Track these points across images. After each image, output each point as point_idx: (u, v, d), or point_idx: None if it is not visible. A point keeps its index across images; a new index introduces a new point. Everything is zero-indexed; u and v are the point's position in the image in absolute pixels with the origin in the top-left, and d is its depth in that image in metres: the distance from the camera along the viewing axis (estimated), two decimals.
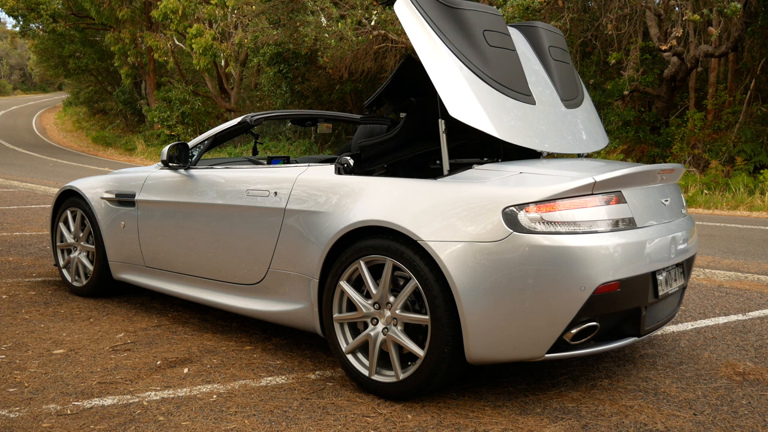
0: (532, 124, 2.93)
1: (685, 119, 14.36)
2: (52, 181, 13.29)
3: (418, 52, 2.75)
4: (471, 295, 2.45)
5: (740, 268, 5.58)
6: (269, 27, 18.07)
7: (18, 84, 64.31)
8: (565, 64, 3.45)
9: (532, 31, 3.41)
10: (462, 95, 2.70)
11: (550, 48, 3.38)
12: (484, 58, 2.83)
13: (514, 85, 2.91)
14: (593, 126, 3.42)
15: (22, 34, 30.15)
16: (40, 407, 2.58)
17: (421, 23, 2.76)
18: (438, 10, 2.82)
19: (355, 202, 2.83)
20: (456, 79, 2.71)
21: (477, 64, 2.79)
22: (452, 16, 2.84)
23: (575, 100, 3.35)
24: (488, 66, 2.82)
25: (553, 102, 3.18)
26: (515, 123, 2.84)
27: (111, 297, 4.34)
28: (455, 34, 2.80)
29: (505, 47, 2.98)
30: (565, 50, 3.53)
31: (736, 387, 2.90)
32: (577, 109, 3.33)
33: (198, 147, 3.87)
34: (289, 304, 3.10)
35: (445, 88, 2.69)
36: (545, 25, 3.48)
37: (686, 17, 12.06)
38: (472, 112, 2.69)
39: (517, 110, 2.87)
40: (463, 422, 2.50)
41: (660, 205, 2.85)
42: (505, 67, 2.92)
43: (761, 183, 11.53)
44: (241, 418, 2.52)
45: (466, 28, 2.84)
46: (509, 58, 2.98)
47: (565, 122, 3.18)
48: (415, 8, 2.78)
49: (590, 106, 3.52)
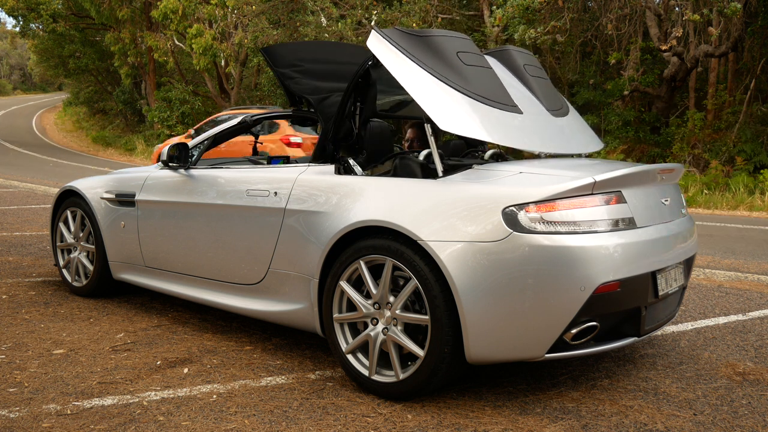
0: (522, 129, 2.96)
1: (685, 119, 14.36)
2: (52, 181, 13.29)
3: (399, 80, 2.81)
4: (471, 295, 2.45)
5: (740, 268, 5.58)
6: (269, 27, 18.07)
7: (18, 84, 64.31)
8: (543, 80, 3.53)
9: (504, 54, 3.51)
10: (447, 109, 2.73)
11: (525, 66, 3.46)
12: (463, 77, 2.87)
13: (497, 97, 2.95)
14: (584, 131, 3.47)
15: (22, 34, 30.15)
16: (40, 407, 2.58)
17: (396, 54, 2.84)
18: (409, 41, 2.91)
19: (355, 202, 2.83)
20: (438, 96, 2.75)
21: (457, 81, 2.84)
22: (424, 44, 2.92)
23: (561, 110, 3.41)
24: (468, 83, 2.86)
25: (539, 112, 3.23)
26: (506, 129, 2.86)
27: (111, 297, 4.34)
28: (430, 59, 2.87)
29: (481, 65, 3.04)
30: (540, 68, 3.61)
31: (736, 387, 2.90)
32: (564, 117, 3.38)
33: (198, 147, 3.87)
34: (289, 304, 3.10)
35: (430, 105, 2.73)
36: (516, 48, 3.59)
37: (686, 17, 12.06)
38: (461, 123, 2.72)
39: (506, 118, 2.90)
40: (463, 422, 2.50)
41: (660, 205, 2.85)
42: (485, 83, 2.96)
43: (761, 183, 11.53)
44: (241, 418, 2.52)
45: (440, 52, 2.92)
46: (487, 74, 3.04)
47: (555, 129, 3.22)
48: (387, 42, 2.87)
49: (577, 116, 3.59)
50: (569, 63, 17.37)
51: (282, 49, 3.62)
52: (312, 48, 3.88)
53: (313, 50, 3.77)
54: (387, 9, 16.38)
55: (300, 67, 3.52)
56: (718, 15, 12.08)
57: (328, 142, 3.18)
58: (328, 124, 3.18)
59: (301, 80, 3.47)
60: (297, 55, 3.58)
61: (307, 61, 3.56)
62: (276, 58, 3.54)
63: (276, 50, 3.58)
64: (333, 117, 3.13)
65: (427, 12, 16.05)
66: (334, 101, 3.26)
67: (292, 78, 3.48)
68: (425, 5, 15.88)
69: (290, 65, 3.52)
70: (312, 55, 3.64)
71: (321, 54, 3.73)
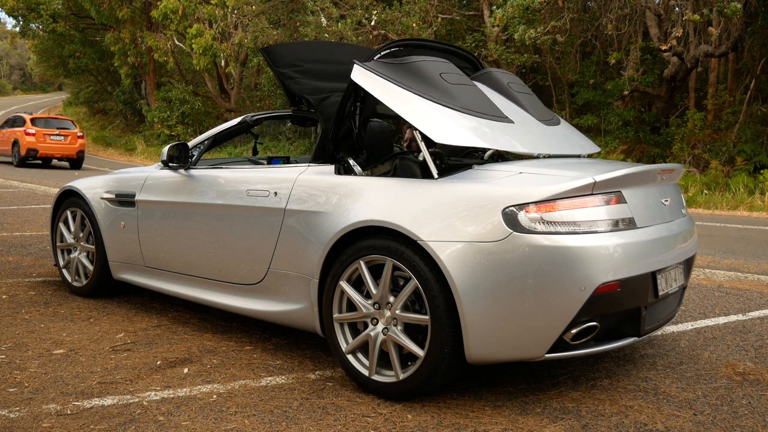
0: (516, 136, 3.00)
1: (685, 119, 14.36)
2: (52, 181, 13.29)
3: (388, 105, 2.86)
4: (471, 295, 2.45)
5: (740, 268, 5.58)
6: (269, 27, 18.07)
7: (18, 84, 64.32)
8: (529, 95, 3.58)
9: (486, 76, 3.55)
10: (438, 123, 2.76)
11: (510, 84, 3.50)
12: (449, 95, 2.92)
13: (486, 110, 3.00)
14: (579, 137, 3.49)
15: (22, 34, 30.18)
16: (40, 407, 2.58)
17: (381, 82, 2.90)
18: (391, 68, 2.97)
19: (355, 202, 2.84)
20: (428, 113, 2.79)
21: (444, 99, 2.88)
22: (405, 70, 2.98)
23: (552, 120, 3.46)
24: (455, 99, 2.91)
25: (530, 121, 3.28)
26: (500, 136, 2.90)
27: (111, 297, 4.34)
28: (414, 82, 2.92)
29: (466, 84, 3.08)
30: (524, 85, 3.66)
31: (736, 387, 2.90)
32: (556, 126, 3.41)
33: (198, 147, 3.87)
34: (289, 304, 3.10)
35: (422, 122, 2.76)
36: (497, 69, 3.64)
37: (686, 17, 12.07)
38: (454, 134, 2.74)
39: (498, 128, 2.94)
40: (463, 422, 2.50)
41: (660, 205, 2.85)
42: (472, 98, 3.01)
43: (761, 183, 11.53)
44: (241, 418, 2.52)
45: (422, 75, 2.97)
46: (473, 90, 3.08)
47: (549, 134, 3.26)
48: (370, 72, 2.93)
49: (569, 125, 3.62)
50: (569, 63, 17.38)
51: (282, 49, 3.62)
52: (312, 48, 3.88)
53: (313, 50, 3.77)
54: (387, 9, 16.38)
55: (300, 67, 3.52)
56: (718, 15, 12.08)
57: (328, 142, 3.18)
58: (328, 124, 3.18)
59: (301, 80, 3.48)
60: (297, 55, 3.58)
61: (307, 61, 3.57)
62: (276, 58, 3.54)
63: (276, 50, 3.59)
64: (333, 117, 3.13)
65: (427, 12, 16.05)
66: (334, 101, 3.26)
67: (292, 78, 3.48)
68: (425, 5, 15.88)
69: (290, 65, 3.52)
70: (312, 55, 3.65)
71: (321, 54, 3.73)
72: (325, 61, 3.66)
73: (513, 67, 15.89)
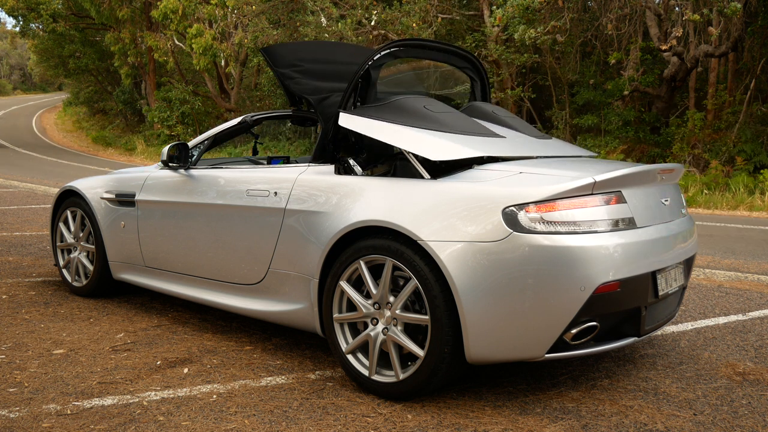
0: (511, 147, 3.04)
1: (685, 119, 14.36)
2: (52, 181, 13.29)
3: (380, 139, 2.92)
4: (471, 295, 2.45)
5: (740, 268, 5.58)
6: (269, 27, 18.06)
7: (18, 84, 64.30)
8: (516, 119, 3.62)
9: (470, 108, 3.57)
10: (433, 144, 2.79)
11: (494, 111, 3.53)
12: (437, 122, 2.97)
13: (476, 130, 3.04)
14: (572, 148, 3.52)
15: (22, 34, 30.15)
16: (40, 407, 2.58)
17: (368, 122, 2.96)
18: (375, 110, 3.04)
19: (355, 202, 2.84)
20: (421, 138, 2.83)
21: (433, 126, 2.93)
22: (390, 108, 3.03)
23: (544, 137, 3.52)
24: (443, 126, 2.95)
25: (522, 137, 3.33)
26: (494, 147, 2.94)
27: (111, 297, 4.34)
28: (401, 117, 2.97)
29: (451, 111, 3.12)
30: (508, 112, 3.70)
31: (736, 387, 2.90)
32: (549, 140, 3.45)
33: (198, 147, 3.87)
34: (289, 304, 3.10)
35: (417, 146, 2.80)
36: (480, 102, 3.68)
37: (686, 17, 12.06)
38: (451, 150, 2.76)
39: (491, 142, 2.99)
40: (463, 422, 2.50)
41: (660, 205, 2.85)
42: (460, 122, 3.05)
43: (761, 183, 11.53)
44: (241, 418, 2.52)
45: (406, 109, 3.02)
46: (459, 116, 3.12)
47: (542, 145, 3.30)
48: (356, 116, 3.00)
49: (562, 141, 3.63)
50: (569, 63, 17.37)
51: (282, 49, 3.62)
52: (312, 48, 3.88)
53: (313, 50, 3.77)
54: (387, 9, 16.37)
55: (300, 67, 3.52)
56: (718, 15, 12.08)
57: (328, 142, 3.18)
58: (328, 124, 3.18)
59: (301, 80, 3.48)
60: (297, 55, 3.58)
61: (307, 61, 3.57)
62: (276, 58, 3.54)
63: (276, 50, 3.59)
64: (333, 117, 3.14)
65: (427, 12, 16.05)
66: (334, 101, 3.27)
67: (292, 78, 3.48)
68: (425, 5, 15.87)
69: (290, 65, 3.52)
70: (312, 55, 3.65)
71: (321, 54, 3.73)
72: (325, 61, 3.66)
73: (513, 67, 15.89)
